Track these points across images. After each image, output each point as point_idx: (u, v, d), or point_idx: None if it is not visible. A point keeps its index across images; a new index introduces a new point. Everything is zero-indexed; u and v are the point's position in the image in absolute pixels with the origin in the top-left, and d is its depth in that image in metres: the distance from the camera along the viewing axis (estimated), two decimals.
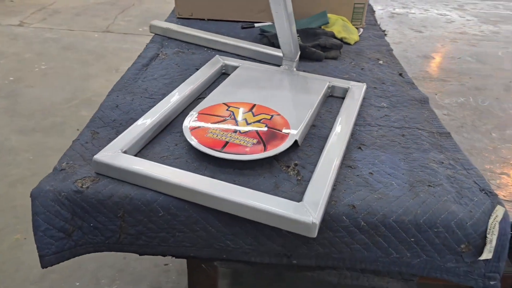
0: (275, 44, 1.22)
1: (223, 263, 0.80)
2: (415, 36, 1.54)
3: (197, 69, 1.13)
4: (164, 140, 0.85)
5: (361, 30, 1.47)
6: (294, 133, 0.83)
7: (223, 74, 1.12)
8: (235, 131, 0.82)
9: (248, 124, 0.85)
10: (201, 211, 0.72)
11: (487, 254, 0.72)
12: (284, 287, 1.44)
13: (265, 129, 0.83)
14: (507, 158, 0.89)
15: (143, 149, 0.82)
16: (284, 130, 0.84)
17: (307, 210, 0.66)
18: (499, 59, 1.38)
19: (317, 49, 1.22)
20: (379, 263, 0.76)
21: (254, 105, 0.91)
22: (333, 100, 1.04)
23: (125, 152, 0.76)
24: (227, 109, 0.89)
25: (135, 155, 0.79)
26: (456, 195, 0.75)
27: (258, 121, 0.86)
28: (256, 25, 1.45)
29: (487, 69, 1.30)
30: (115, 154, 0.75)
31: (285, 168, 0.79)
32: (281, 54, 1.15)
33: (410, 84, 1.15)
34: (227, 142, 0.79)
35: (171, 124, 0.90)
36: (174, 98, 0.93)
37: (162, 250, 0.76)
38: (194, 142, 0.78)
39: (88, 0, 4.45)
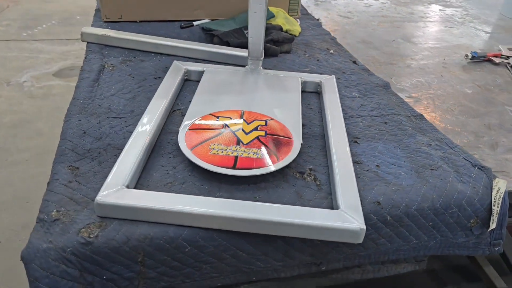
0: (229, 43, 1.17)
1: (250, 285, 0.75)
2: (347, 22, 1.59)
3: (155, 78, 1.04)
4: (158, 165, 0.76)
5: (298, 20, 1.48)
6: (296, 137, 0.80)
7: (186, 80, 1.04)
8: (238, 143, 0.77)
9: (246, 133, 0.80)
10: (231, 238, 0.66)
11: (492, 224, 0.78)
12: None
13: (266, 136, 0.79)
14: (477, 132, 0.97)
15: (140, 179, 0.72)
16: (286, 135, 0.80)
17: (350, 217, 0.64)
18: (424, 38, 1.50)
19: (271, 45, 1.19)
20: (400, 252, 0.77)
21: (243, 111, 0.86)
22: (307, 95, 1.03)
23: (127, 186, 0.66)
24: (217, 120, 0.83)
25: (135, 188, 0.69)
26: (456, 175, 0.80)
27: (255, 128, 0.81)
28: (195, 23, 1.37)
29: (420, 49, 1.40)
30: (119, 191, 0.64)
31: (299, 175, 0.76)
32: (241, 54, 1.11)
33: (366, 71, 1.19)
34: (236, 157, 0.73)
35: (157, 145, 0.81)
36: (153, 115, 0.83)
37: (186, 287, 0.69)
38: (202, 163, 0.71)
39: None
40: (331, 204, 0.71)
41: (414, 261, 0.85)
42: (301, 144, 0.80)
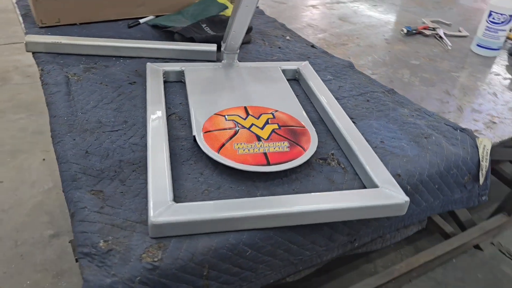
0: (195, 39, 1.13)
1: (295, 275, 0.77)
2: (285, 8, 1.63)
3: (131, 84, 0.97)
4: (184, 173, 0.72)
5: None
6: (307, 124, 0.82)
7: (164, 82, 0.99)
8: (259, 139, 0.76)
9: (261, 128, 0.79)
10: (285, 233, 0.66)
11: (482, 178, 0.89)
12: None
13: (281, 129, 0.80)
14: (441, 98, 1.07)
15: (174, 191, 0.68)
16: (298, 125, 0.82)
17: (392, 192, 0.69)
18: (358, 17, 1.60)
19: None
20: (413, 216, 0.85)
21: (245, 107, 0.86)
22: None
23: (174, 201, 0.63)
24: (226, 120, 0.81)
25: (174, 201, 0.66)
26: (446, 139, 0.89)
27: (266, 122, 0.81)
28: (141, 21, 1.29)
29: (360, 27, 1.49)
30: (171, 207, 0.61)
31: (322, 161, 0.79)
32: (210, 49, 1.09)
33: (327, 54, 1.24)
34: (265, 154, 0.73)
35: (172, 153, 0.77)
36: (158, 123, 0.79)
37: None
38: (236, 165, 0.70)
39: None
40: (361, 184, 0.75)
41: (418, 222, 0.94)
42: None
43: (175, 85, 0.98)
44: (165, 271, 0.57)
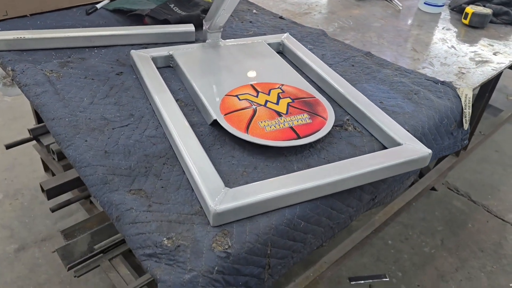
0: (169, 20, 1.08)
1: (331, 240, 0.80)
2: None
3: (118, 74, 0.92)
4: (216, 159, 0.71)
5: None
6: (318, 95, 0.84)
7: None
8: (279, 115, 0.77)
9: (276, 104, 0.80)
10: (327, 200, 0.69)
11: (466, 124, 0.98)
12: None
13: (295, 101, 0.81)
14: (412, 56, 1.15)
15: None
16: (309, 96, 0.84)
17: (416, 147, 0.74)
18: None
19: (205, 15, 1.15)
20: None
21: (252, 85, 0.85)
22: None
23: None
24: (239, 100, 0.80)
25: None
26: (432, 93, 0.96)
27: (278, 97, 0.82)
28: (98, 6, 1.20)
29: None
30: (227, 194, 0.60)
31: (338, 128, 0.81)
32: (189, 29, 1.06)
33: (296, 23, 1.26)
34: (291, 127, 0.74)
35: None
36: (173, 111, 0.76)
37: (294, 262, 0.70)
38: (270, 142, 0.71)
39: None
40: (380, 144, 0.79)
41: (414, 174, 1.01)
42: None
43: (164, 71, 0.94)
44: (236, 257, 0.57)
